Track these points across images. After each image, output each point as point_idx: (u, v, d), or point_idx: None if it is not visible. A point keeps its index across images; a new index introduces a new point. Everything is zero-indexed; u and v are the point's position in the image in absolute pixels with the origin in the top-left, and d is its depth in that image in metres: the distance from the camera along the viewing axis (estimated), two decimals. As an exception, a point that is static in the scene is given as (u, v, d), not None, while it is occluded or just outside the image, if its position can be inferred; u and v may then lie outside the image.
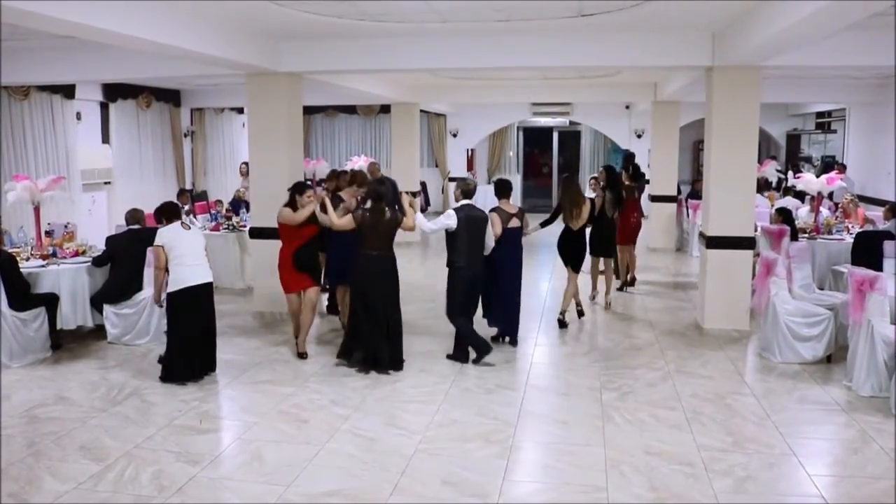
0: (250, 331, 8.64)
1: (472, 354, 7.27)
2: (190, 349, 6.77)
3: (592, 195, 9.55)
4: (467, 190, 7.45)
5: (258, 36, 8.31)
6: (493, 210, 7.61)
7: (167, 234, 6.75)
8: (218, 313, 7.17)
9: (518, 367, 7.28)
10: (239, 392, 6.61)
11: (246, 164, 14.55)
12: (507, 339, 7.91)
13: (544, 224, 8.94)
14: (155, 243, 6.78)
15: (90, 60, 9.41)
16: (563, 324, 8.66)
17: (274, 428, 5.75)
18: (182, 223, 6.90)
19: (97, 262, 8.07)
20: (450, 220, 7.19)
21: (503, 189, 7.83)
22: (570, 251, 8.79)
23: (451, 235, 7.24)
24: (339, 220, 7.14)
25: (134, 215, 8.27)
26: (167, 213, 6.99)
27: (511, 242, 7.67)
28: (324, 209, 7.24)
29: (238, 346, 7.94)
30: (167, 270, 6.74)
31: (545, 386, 6.73)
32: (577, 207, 8.65)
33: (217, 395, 6.54)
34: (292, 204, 7.36)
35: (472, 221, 7.23)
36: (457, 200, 7.49)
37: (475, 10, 7.16)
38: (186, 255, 6.72)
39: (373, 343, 6.96)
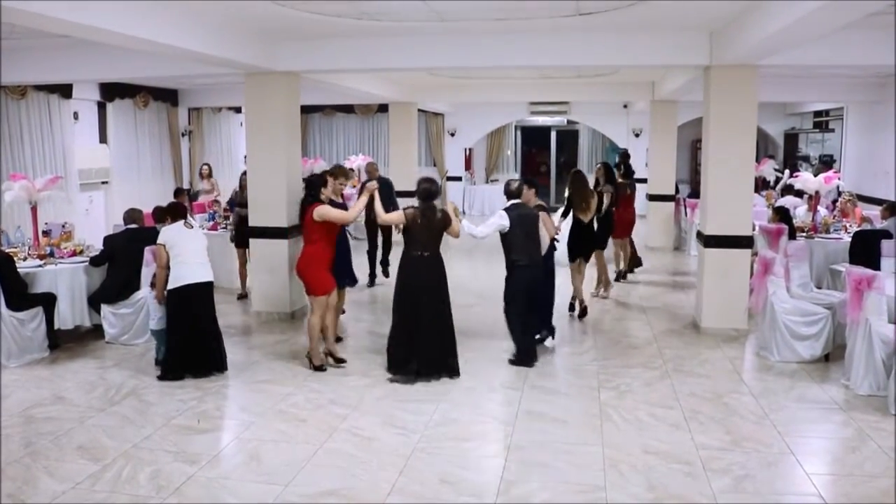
0: (248, 330, 8.64)
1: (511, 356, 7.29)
2: (188, 347, 6.79)
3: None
4: (513, 190, 7.41)
5: (256, 35, 8.29)
6: (538, 208, 7.65)
7: (169, 233, 6.83)
8: (217, 314, 7.15)
9: (516, 366, 7.27)
10: (237, 391, 6.61)
11: (208, 165, 14.26)
12: (549, 337, 7.95)
13: (564, 216, 9.38)
14: (158, 241, 6.87)
15: (87, 60, 9.38)
16: (573, 307, 9.16)
17: (272, 427, 5.75)
18: (185, 223, 6.96)
19: (95, 261, 8.07)
20: (503, 220, 7.14)
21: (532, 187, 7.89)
22: (582, 243, 9.13)
23: (505, 236, 7.18)
24: (388, 215, 6.98)
25: (132, 215, 8.26)
26: (173, 212, 7.09)
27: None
28: (371, 203, 7.09)
29: (236, 346, 7.92)
30: (169, 269, 6.77)
31: (543, 385, 6.72)
32: (585, 201, 9.06)
33: (215, 395, 6.53)
34: (314, 199, 7.03)
35: (524, 219, 7.22)
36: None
37: (473, 9, 7.15)
38: (188, 253, 6.77)
39: (427, 350, 6.74)
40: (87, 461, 5.12)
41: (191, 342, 6.80)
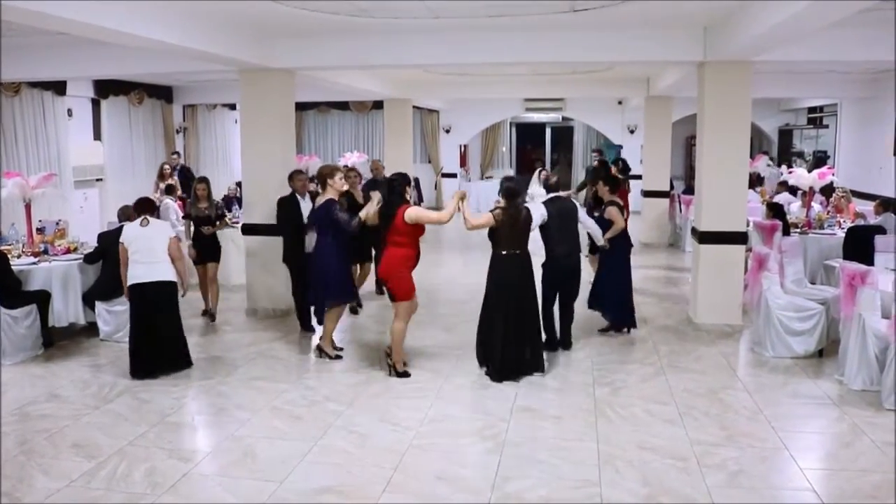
0: (243, 327, 8.63)
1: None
2: (145, 345, 6.80)
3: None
4: (553, 185, 7.78)
5: (251, 32, 8.28)
6: (609, 204, 8.01)
7: (127, 231, 6.93)
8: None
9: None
10: (232, 388, 6.60)
11: (169, 165, 13.68)
12: (625, 329, 8.22)
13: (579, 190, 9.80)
14: (120, 239, 6.93)
15: (81, 56, 9.36)
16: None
17: (267, 424, 5.75)
18: (143, 219, 6.92)
19: (88, 259, 8.05)
20: (542, 212, 7.24)
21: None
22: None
23: (544, 228, 7.28)
24: (476, 220, 6.66)
25: (125, 211, 8.24)
26: (137, 208, 7.16)
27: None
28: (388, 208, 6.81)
29: (231, 343, 7.93)
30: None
31: (538, 381, 6.72)
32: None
33: (210, 392, 6.53)
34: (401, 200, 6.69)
35: (564, 212, 7.36)
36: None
37: (468, 6, 7.15)
38: (141, 252, 6.79)
39: (518, 348, 6.72)
40: (81, 459, 5.11)
41: (148, 340, 6.80)
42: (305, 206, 8.01)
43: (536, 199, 10.34)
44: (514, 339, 6.68)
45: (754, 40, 6.81)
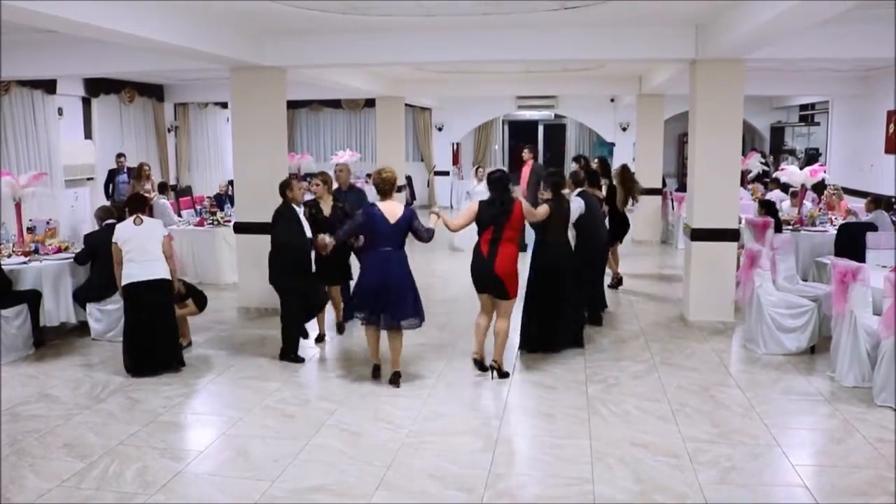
0: (235, 326, 8.61)
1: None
2: (139, 344, 6.78)
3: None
4: (581, 179, 8.40)
5: (242, 30, 8.24)
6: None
7: (120, 230, 6.89)
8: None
9: (504, 359, 7.27)
10: (224, 388, 6.58)
11: (148, 165, 12.80)
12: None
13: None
14: (112, 239, 6.89)
15: (71, 55, 9.32)
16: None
17: (259, 423, 5.73)
18: (136, 218, 6.91)
19: (79, 259, 8.02)
20: (580, 204, 7.93)
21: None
22: (618, 230, 10.22)
23: (580, 218, 7.91)
24: (538, 211, 6.88)
25: (105, 212, 8.27)
26: (130, 205, 7.14)
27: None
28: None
29: (223, 342, 7.90)
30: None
31: (530, 379, 6.73)
32: (632, 194, 10.66)
33: (202, 391, 6.51)
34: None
35: (591, 203, 8.17)
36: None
37: (460, 4, 7.14)
38: (134, 250, 6.77)
39: (564, 326, 7.39)
40: (73, 459, 5.09)
41: (143, 339, 6.79)
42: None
43: (473, 196, 11.00)
44: (554, 317, 7.27)
45: (745, 38, 6.82)
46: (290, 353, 7.22)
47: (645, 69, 13.19)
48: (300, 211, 7.28)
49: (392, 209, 6.36)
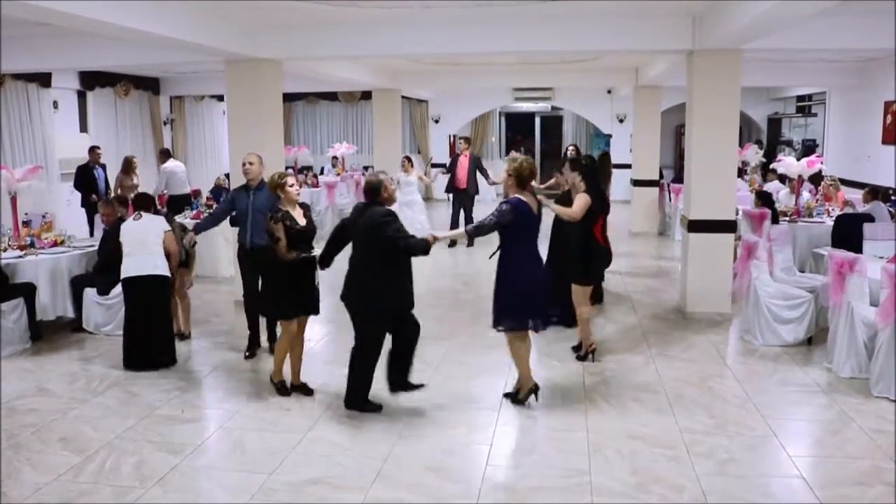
0: (232, 319, 8.59)
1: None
2: (135, 338, 6.80)
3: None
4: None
5: (238, 22, 8.21)
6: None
7: (124, 227, 6.98)
8: (200, 302, 7.11)
9: (500, 352, 7.26)
10: (221, 381, 6.58)
11: (133, 158, 12.59)
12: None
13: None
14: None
15: (66, 48, 9.28)
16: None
17: (256, 416, 5.73)
18: (136, 214, 6.99)
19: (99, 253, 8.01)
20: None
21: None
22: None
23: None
24: (579, 207, 6.56)
25: (109, 204, 8.23)
26: (136, 204, 7.22)
27: None
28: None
29: (220, 335, 7.89)
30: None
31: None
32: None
33: (199, 385, 6.51)
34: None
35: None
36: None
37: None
38: (132, 245, 6.83)
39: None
40: (69, 453, 5.08)
41: (141, 333, 6.80)
42: None
43: (403, 186, 11.42)
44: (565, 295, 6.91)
45: (742, 29, 6.80)
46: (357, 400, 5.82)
47: (642, 60, 13.16)
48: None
49: (532, 201, 5.66)
